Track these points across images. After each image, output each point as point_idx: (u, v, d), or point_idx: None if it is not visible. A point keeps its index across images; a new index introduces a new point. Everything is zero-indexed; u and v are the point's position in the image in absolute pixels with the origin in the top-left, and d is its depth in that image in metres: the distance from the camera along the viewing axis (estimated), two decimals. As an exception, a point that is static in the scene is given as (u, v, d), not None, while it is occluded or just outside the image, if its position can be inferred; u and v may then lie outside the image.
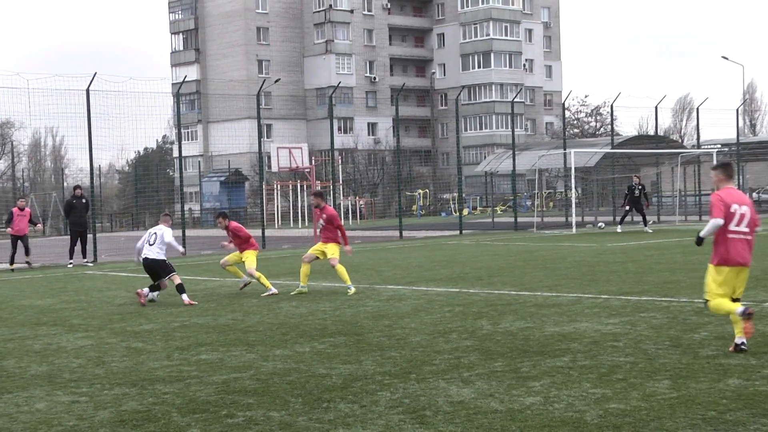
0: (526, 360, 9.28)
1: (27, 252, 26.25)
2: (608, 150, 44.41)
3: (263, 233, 32.80)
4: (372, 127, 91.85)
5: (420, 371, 8.91)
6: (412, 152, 79.86)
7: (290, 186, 57.78)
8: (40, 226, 25.23)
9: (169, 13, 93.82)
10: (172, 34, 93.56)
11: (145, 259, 16.20)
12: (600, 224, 37.28)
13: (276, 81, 66.74)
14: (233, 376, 9.05)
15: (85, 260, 26.92)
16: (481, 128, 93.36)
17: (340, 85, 53.20)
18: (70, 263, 26.56)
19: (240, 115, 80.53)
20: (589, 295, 14.42)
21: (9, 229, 26.31)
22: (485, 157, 66.86)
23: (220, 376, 9.07)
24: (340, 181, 57.08)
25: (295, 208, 57.30)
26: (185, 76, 40.92)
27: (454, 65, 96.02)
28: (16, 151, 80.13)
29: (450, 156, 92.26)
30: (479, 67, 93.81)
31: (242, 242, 17.28)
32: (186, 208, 36.93)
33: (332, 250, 16.33)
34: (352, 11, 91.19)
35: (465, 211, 58.79)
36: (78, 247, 26.92)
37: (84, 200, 27.21)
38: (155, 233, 16.56)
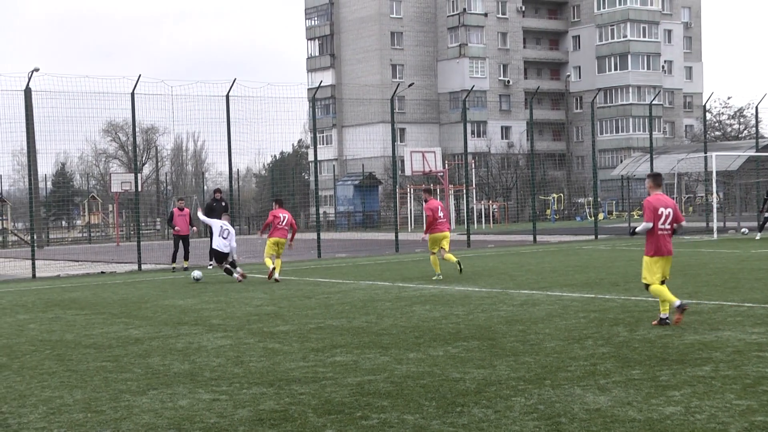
0: (665, 368, 9.04)
1: (186, 256, 27.01)
2: (752, 153, 42.86)
3: (396, 237, 33.00)
4: (505, 131, 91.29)
5: (555, 377, 8.79)
6: (546, 156, 78.94)
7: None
8: (195, 228, 26.04)
9: (306, 19, 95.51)
10: (308, 40, 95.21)
11: (217, 249, 21.56)
12: (743, 230, 36.00)
13: (410, 85, 67.02)
14: (367, 378, 9.12)
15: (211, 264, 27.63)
16: (617, 131, 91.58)
17: (473, 88, 53.06)
18: (210, 264, 27.29)
19: (374, 120, 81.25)
20: (732, 303, 13.94)
21: (174, 229, 27.35)
22: (621, 161, 65.51)
23: (355, 378, 9.16)
24: (473, 185, 56.88)
25: (427, 211, 57.41)
26: (321, 82, 41.52)
27: (590, 68, 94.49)
28: (159, 155, 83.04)
29: (585, 160, 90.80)
30: (616, 69, 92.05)
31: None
32: (321, 211, 37.47)
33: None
34: (485, 15, 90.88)
35: (600, 216, 57.78)
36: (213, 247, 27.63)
37: (224, 203, 27.95)
38: (227, 230, 21.56)
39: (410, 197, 58.01)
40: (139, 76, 28.14)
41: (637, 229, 12.21)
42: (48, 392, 9.00)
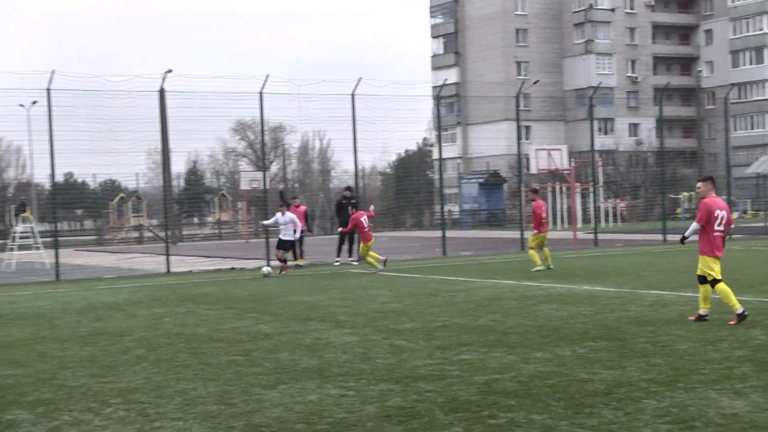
0: (805, 374, 8.70)
1: (299, 254, 27.43)
2: None
3: (522, 235, 32.72)
4: (633, 128, 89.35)
5: (688, 380, 8.56)
6: (675, 153, 76.87)
7: (549, 188, 57.28)
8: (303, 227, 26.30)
9: (430, 17, 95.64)
10: (432, 38, 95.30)
11: (284, 239, 24.36)
12: None
13: (535, 82, 66.38)
14: (494, 377, 9.08)
15: (351, 259, 27.93)
16: (752, 128, 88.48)
17: (600, 85, 52.14)
18: (337, 261, 27.66)
19: (498, 117, 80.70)
20: None
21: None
22: (757, 159, 63.28)
23: (481, 376, 9.13)
24: (601, 183, 55.90)
25: (554, 209, 56.73)
26: (445, 80, 41.51)
27: (723, 62, 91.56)
28: (286, 153, 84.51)
29: (717, 157, 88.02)
30: (751, 63, 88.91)
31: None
32: (445, 209, 37.47)
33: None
34: (613, 10, 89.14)
35: (734, 215, 55.93)
36: (345, 246, 28.01)
37: (353, 201, 28.28)
38: (295, 223, 24.32)
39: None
40: (267, 75, 28.70)
41: (686, 233, 12.79)
42: (183, 384, 9.28)
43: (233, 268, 27.78)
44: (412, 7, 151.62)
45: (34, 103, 33.33)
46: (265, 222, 26.77)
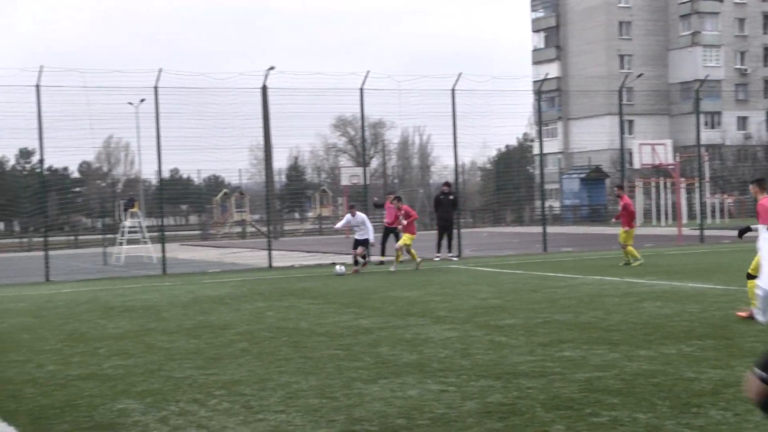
0: None
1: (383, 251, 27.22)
2: None
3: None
4: (742, 122, 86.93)
5: (799, 382, 8.29)
6: (787, 147, 74.43)
7: (653, 183, 56.18)
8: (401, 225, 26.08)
9: (531, 11, 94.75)
10: (533, 32, 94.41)
11: (358, 237, 24.52)
12: None
13: (638, 76, 65.02)
14: (596, 374, 8.95)
15: (451, 254, 27.91)
16: None
17: (707, 78, 50.87)
18: (437, 257, 27.66)
19: (600, 112, 79.46)
20: None
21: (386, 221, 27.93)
22: None
23: (583, 374, 9.01)
24: (707, 178, 54.58)
25: (658, 205, 55.63)
26: (546, 74, 41.06)
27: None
28: (386, 149, 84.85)
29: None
30: None
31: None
32: (546, 205, 37.09)
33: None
34: (721, 1, 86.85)
35: None
36: (444, 242, 27.99)
37: (452, 197, 28.24)
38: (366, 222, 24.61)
39: (639, 191, 56.38)
40: (368, 72, 28.88)
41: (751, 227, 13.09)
42: (285, 377, 9.41)
43: (334, 263, 28.01)
44: (513, 1, 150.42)
45: (142, 101, 34.20)
46: (337, 225, 27.43)
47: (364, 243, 24.73)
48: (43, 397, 8.85)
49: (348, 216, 25.51)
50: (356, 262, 24.35)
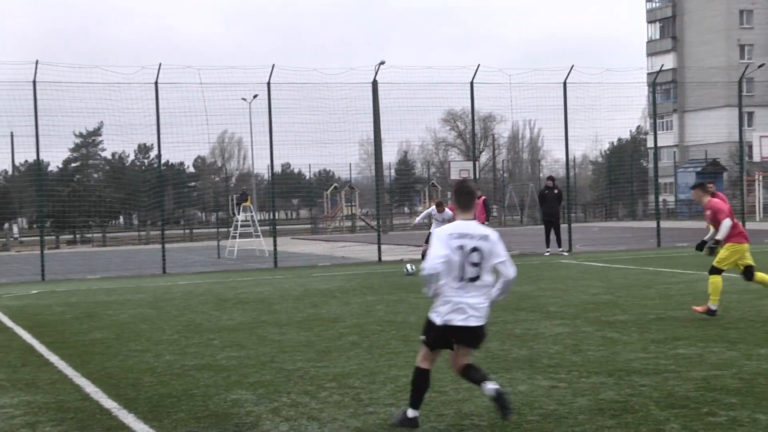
0: None
1: None
2: None
3: (743, 226, 31.23)
4: None
5: None
6: None
7: (773, 177, 54.35)
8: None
9: (646, 2, 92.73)
10: (648, 23, 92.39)
11: None
12: None
13: (760, 66, 63.06)
14: (713, 373, 8.72)
15: (561, 249, 27.57)
16: None
17: (833, 67, 48.92)
18: (547, 252, 27.38)
19: (718, 103, 77.25)
20: None
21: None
22: None
23: (700, 372, 8.79)
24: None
25: (777, 200, 53.80)
26: (662, 65, 40.17)
27: None
28: (496, 143, 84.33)
29: None
30: None
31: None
32: (660, 199, 36.31)
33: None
34: None
35: None
36: (552, 237, 27.68)
37: (556, 191, 27.88)
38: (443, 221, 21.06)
39: (758, 185, 54.63)
40: (478, 65, 28.75)
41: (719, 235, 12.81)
42: (395, 371, 9.45)
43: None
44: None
45: (255, 96, 34.83)
46: (416, 221, 26.87)
47: None
48: (161, 385, 9.10)
49: (432, 209, 22.84)
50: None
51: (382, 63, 30.50)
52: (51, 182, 47.07)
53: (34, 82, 25.32)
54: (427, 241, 22.06)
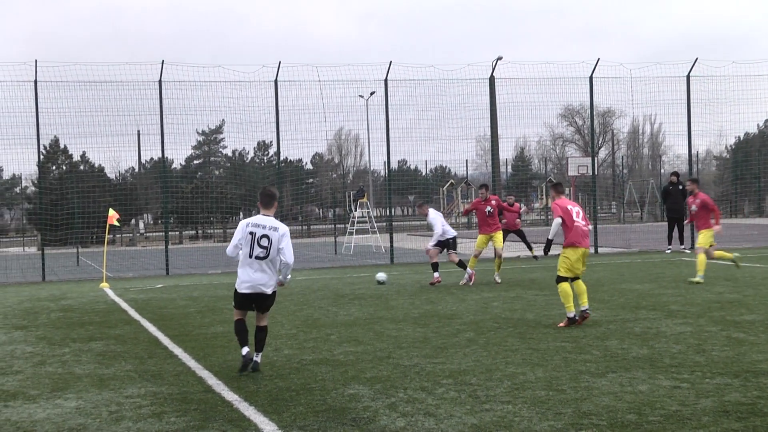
0: None
1: (529, 247, 25.98)
2: None
3: None
4: None
5: None
6: None
7: None
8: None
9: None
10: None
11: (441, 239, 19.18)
12: None
13: None
14: None
15: (683, 247, 26.91)
16: None
17: None
18: (669, 249, 26.75)
19: None
20: None
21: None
22: None
23: (831, 375, 8.44)
24: None
25: None
26: (790, 57, 38.69)
27: None
28: (615, 139, 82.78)
29: None
30: None
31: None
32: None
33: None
34: None
35: None
36: (675, 234, 27.04)
37: (681, 187, 27.20)
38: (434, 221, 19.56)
39: None
40: (598, 60, 28.33)
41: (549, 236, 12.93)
42: (512, 368, 9.38)
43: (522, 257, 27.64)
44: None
45: (372, 93, 35.06)
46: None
47: (445, 244, 19.24)
48: (279, 379, 9.25)
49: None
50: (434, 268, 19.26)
51: (500, 59, 30.29)
52: (175, 179, 48.45)
53: (160, 81, 26.08)
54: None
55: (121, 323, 14.35)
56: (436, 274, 18.93)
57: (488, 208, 19.29)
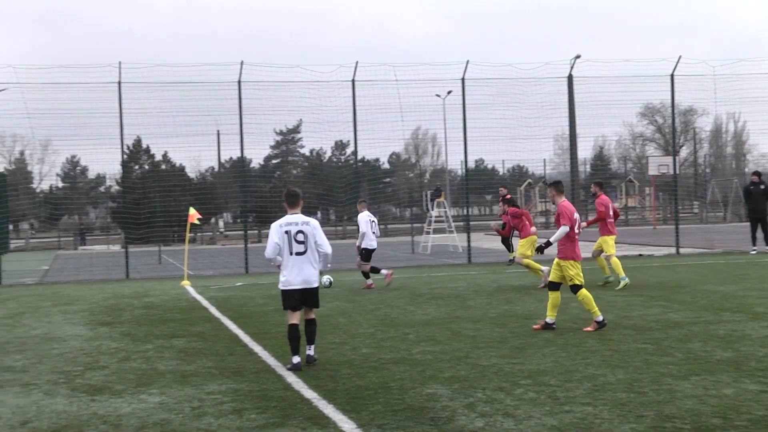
0: None
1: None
2: None
3: None
4: None
5: None
6: None
7: None
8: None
9: None
10: None
11: (368, 247, 19.08)
12: None
13: None
14: None
15: (768, 247, 26.33)
16: None
17: None
18: (753, 250, 26.18)
19: None
20: None
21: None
22: None
23: None
24: None
25: None
26: None
27: None
28: (697, 137, 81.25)
29: None
30: None
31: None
32: None
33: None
34: None
35: None
36: (759, 234, 26.44)
37: (763, 186, 26.59)
38: (374, 222, 19.27)
39: None
40: (679, 57, 27.85)
41: (551, 239, 12.59)
42: (591, 369, 9.27)
43: (641, 255, 27.27)
44: None
45: (449, 92, 34.99)
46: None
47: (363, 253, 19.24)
48: (358, 378, 9.30)
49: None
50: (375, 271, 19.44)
51: (578, 57, 29.95)
52: (253, 178, 49.06)
53: (239, 82, 26.40)
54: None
55: (201, 321, 14.58)
56: (369, 281, 19.10)
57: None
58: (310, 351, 10.08)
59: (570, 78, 28.70)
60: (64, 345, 12.30)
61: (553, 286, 12.33)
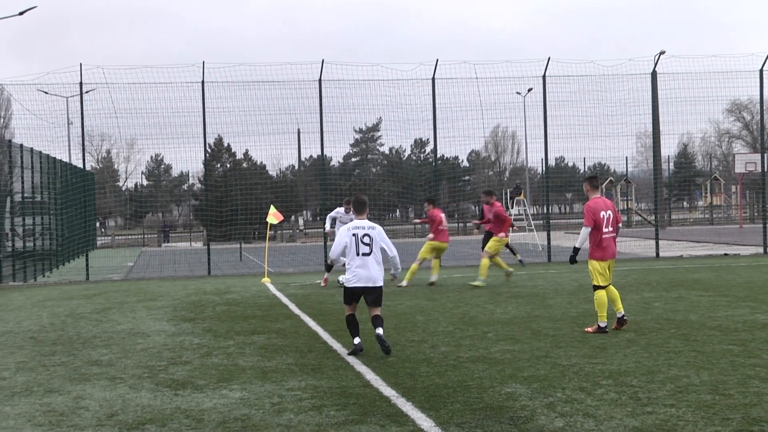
0: None
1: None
2: None
3: None
4: None
5: None
6: None
7: None
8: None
9: None
10: None
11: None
12: None
13: None
14: None
15: None
16: None
17: None
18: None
19: None
20: None
21: None
22: None
23: None
24: None
25: None
26: None
27: None
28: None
29: None
30: None
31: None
32: None
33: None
34: None
35: None
36: None
37: None
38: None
39: None
40: None
41: (576, 243, 12.50)
42: (675, 371, 9.11)
43: (726, 254, 26.70)
44: None
45: (530, 90, 34.71)
46: (326, 226, 21.66)
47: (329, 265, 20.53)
48: (437, 376, 9.28)
49: (340, 210, 20.77)
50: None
51: (662, 53, 29.46)
52: (333, 176, 49.31)
53: (320, 80, 26.59)
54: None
55: (282, 317, 14.72)
56: (326, 275, 20.23)
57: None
58: (379, 331, 10.70)
59: (654, 74, 28.23)
60: (149, 340, 12.55)
61: (598, 285, 12.21)
